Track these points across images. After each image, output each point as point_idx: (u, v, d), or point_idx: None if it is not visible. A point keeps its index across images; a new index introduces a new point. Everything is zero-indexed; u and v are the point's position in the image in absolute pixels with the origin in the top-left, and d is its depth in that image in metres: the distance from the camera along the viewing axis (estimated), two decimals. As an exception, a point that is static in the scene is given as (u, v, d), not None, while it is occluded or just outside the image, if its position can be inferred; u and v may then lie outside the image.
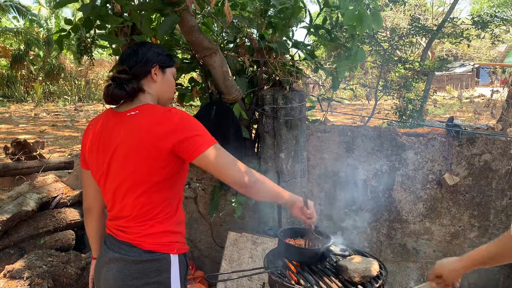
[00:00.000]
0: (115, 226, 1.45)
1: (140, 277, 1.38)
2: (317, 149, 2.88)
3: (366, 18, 2.26)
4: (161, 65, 1.49)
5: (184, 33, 2.38)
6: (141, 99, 1.44)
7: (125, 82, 1.40)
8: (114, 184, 1.41)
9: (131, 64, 1.44)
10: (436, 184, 2.87)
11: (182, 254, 1.46)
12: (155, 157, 1.34)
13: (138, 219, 1.40)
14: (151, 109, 1.39)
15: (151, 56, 1.46)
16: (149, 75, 1.46)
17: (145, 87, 1.45)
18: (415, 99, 5.18)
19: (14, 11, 17.54)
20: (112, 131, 1.40)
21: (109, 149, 1.40)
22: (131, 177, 1.37)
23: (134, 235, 1.40)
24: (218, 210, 2.80)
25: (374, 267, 1.66)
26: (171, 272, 1.40)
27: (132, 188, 1.38)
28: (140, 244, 1.39)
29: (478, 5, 26.52)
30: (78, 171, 3.13)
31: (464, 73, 22.80)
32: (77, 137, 8.69)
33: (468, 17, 6.54)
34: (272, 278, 1.66)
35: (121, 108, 1.43)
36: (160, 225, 1.41)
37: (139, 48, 1.47)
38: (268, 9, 2.80)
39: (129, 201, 1.39)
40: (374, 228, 2.96)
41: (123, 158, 1.37)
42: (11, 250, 2.57)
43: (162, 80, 1.49)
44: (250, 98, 2.95)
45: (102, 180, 1.45)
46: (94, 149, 1.44)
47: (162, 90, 1.50)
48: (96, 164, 1.45)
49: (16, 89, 17.21)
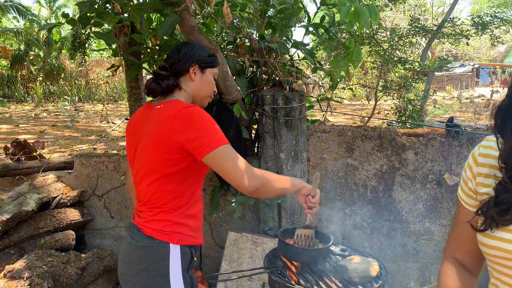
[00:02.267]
0: (136, 209, 1.56)
1: (141, 262, 1.43)
2: (317, 149, 2.89)
3: (362, 14, 2.25)
4: (201, 65, 1.56)
5: (184, 33, 2.38)
6: (175, 95, 1.53)
7: (162, 78, 1.50)
8: (137, 170, 1.53)
9: (172, 61, 1.54)
10: (436, 184, 2.87)
11: (186, 246, 1.48)
12: (167, 150, 1.41)
13: (147, 205, 1.48)
14: (173, 104, 1.46)
15: (191, 55, 1.54)
16: (187, 73, 1.54)
17: (182, 84, 1.54)
18: (415, 99, 5.18)
19: (14, 11, 17.56)
20: (143, 121, 1.52)
21: (137, 137, 1.52)
22: (146, 165, 1.47)
23: (142, 219, 1.49)
24: (218, 210, 2.81)
25: (374, 267, 1.66)
26: (169, 261, 1.42)
27: (146, 175, 1.47)
28: (144, 229, 1.46)
29: (478, 5, 26.52)
30: (78, 171, 3.13)
31: (464, 73, 22.80)
32: (77, 137, 8.70)
33: (468, 18, 6.54)
34: (272, 278, 1.66)
35: (156, 101, 1.54)
36: (166, 215, 1.46)
37: (182, 47, 1.56)
38: (267, 10, 2.80)
39: (143, 187, 1.49)
40: (374, 228, 2.96)
41: (144, 146, 1.48)
42: (11, 250, 2.57)
43: (200, 80, 1.57)
44: (250, 98, 2.95)
45: (131, 164, 1.59)
46: (130, 135, 1.59)
47: (198, 89, 1.58)
48: (129, 148, 1.59)
49: (16, 89, 17.21)
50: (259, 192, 1.41)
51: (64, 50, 18.40)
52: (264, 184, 1.40)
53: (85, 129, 9.82)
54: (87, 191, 3.12)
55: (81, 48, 2.35)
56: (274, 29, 2.83)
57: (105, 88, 18.30)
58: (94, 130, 9.63)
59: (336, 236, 2.93)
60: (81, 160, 3.12)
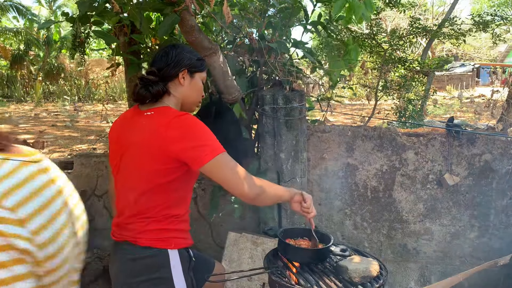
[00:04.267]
0: (118, 224, 1.50)
1: (141, 274, 1.40)
2: (317, 149, 2.88)
3: (357, 8, 2.21)
4: (190, 69, 1.50)
5: (184, 33, 2.38)
6: (164, 101, 1.47)
7: (151, 84, 1.44)
8: (122, 179, 1.46)
9: (160, 66, 1.47)
10: (436, 184, 2.86)
11: (182, 248, 1.48)
12: (160, 160, 1.35)
13: (138, 216, 1.42)
14: (165, 112, 1.41)
15: (180, 60, 1.48)
16: (176, 78, 1.48)
17: (171, 89, 1.48)
18: (415, 99, 5.18)
19: (14, 11, 17.55)
20: (130, 127, 1.46)
21: (124, 144, 1.45)
22: (136, 175, 1.40)
23: (132, 232, 1.43)
24: (218, 210, 2.80)
25: (374, 267, 1.66)
26: (171, 266, 1.42)
27: (136, 186, 1.41)
28: (137, 240, 1.42)
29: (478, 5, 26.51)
30: (78, 171, 3.13)
31: (464, 73, 22.78)
32: (77, 137, 8.69)
33: (468, 17, 6.54)
34: (272, 278, 1.66)
35: (144, 107, 1.47)
36: (159, 223, 1.43)
37: (170, 51, 1.50)
38: (267, 9, 2.80)
39: (132, 198, 1.42)
40: (374, 228, 2.95)
41: (132, 155, 1.41)
42: (11, 250, 2.56)
43: (189, 84, 1.51)
44: (250, 98, 2.94)
45: (114, 172, 1.51)
46: (114, 141, 1.51)
47: (187, 94, 1.52)
48: (112, 157, 1.51)
49: (16, 89, 17.20)
50: (259, 199, 1.41)
51: (64, 50, 18.40)
52: (263, 191, 1.40)
53: (85, 129, 9.82)
54: (87, 191, 3.12)
55: (81, 47, 2.35)
56: (274, 28, 2.83)
57: (104, 88, 18.29)
58: (94, 130, 9.63)
59: (336, 236, 2.93)
60: (81, 160, 3.12)
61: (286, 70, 2.71)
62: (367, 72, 4.53)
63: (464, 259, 2.95)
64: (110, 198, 1.71)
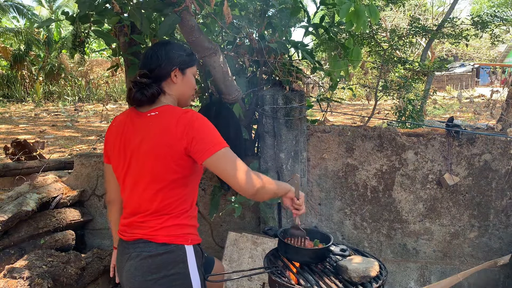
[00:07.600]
0: (129, 224, 1.50)
1: (158, 271, 1.43)
2: (317, 149, 2.88)
3: (362, 13, 2.24)
4: (181, 67, 1.52)
5: (184, 33, 2.38)
6: (162, 100, 1.50)
7: (146, 87, 1.45)
8: (133, 181, 1.48)
9: (151, 67, 1.49)
10: (436, 184, 2.87)
11: (197, 244, 1.54)
12: (171, 156, 1.40)
13: (155, 214, 1.46)
14: (170, 110, 1.45)
15: (171, 58, 1.50)
16: (169, 78, 1.50)
17: (165, 88, 1.51)
18: (415, 99, 5.18)
19: (14, 11, 17.56)
20: (134, 130, 1.47)
21: (130, 147, 1.47)
22: (149, 175, 1.44)
23: (149, 229, 1.46)
24: (218, 210, 2.81)
25: (374, 267, 1.66)
26: (188, 261, 1.46)
27: (151, 185, 1.44)
28: (154, 237, 1.45)
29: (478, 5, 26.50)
30: (78, 171, 3.13)
31: (464, 73, 22.78)
32: (77, 137, 8.69)
33: (468, 17, 6.54)
34: (272, 278, 1.66)
35: (143, 109, 1.49)
36: (175, 219, 1.47)
37: (159, 50, 1.50)
38: (267, 9, 2.80)
39: (147, 197, 1.45)
40: (374, 228, 2.96)
41: (143, 156, 1.44)
42: (11, 250, 2.56)
43: (182, 82, 1.54)
44: (250, 98, 2.95)
45: (121, 176, 1.52)
46: (116, 146, 1.51)
47: (182, 91, 1.55)
48: (117, 160, 1.52)
49: (16, 89, 17.20)
50: (258, 194, 1.43)
51: (64, 50, 18.40)
52: (263, 187, 1.43)
53: (85, 129, 9.82)
54: (87, 191, 3.12)
55: (81, 46, 2.35)
56: (274, 29, 2.83)
57: (105, 88, 18.29)
58: (94, 130, 9.63)
59: (335, 236, 2.93)
60: (81, 160, 3.12)
61: (286, 70, 2.72)
62: (367, 72, 4.53)
63: (463, 259, 2.95)
64: (108, 203, 1.70)
